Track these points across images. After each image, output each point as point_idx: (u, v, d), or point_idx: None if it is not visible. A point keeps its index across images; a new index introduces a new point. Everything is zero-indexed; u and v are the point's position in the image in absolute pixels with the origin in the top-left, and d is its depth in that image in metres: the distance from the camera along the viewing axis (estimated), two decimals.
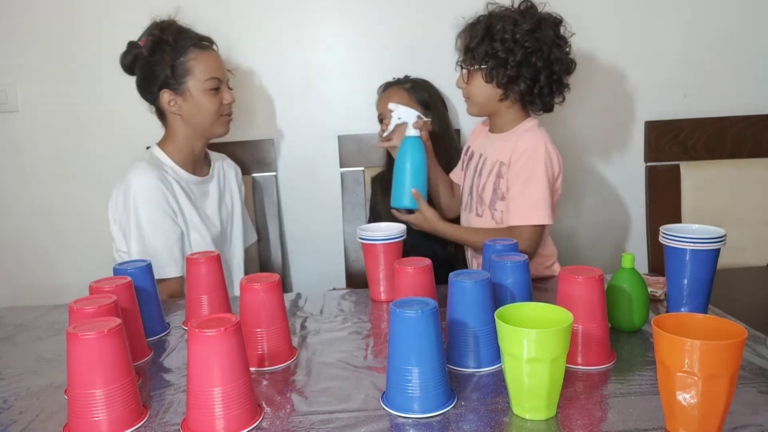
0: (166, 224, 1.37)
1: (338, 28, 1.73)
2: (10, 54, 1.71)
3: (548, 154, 1.28)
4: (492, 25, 1.27)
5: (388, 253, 1.16)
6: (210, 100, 1.42)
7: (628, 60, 1.74)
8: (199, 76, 1.40)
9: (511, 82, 1.28)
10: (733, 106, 1.73)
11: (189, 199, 1.44)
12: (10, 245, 1.83)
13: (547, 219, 1.27)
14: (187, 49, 1.40)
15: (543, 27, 1.26)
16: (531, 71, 1.26)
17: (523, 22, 1.25)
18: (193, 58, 1.40)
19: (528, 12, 1.28)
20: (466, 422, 0.71)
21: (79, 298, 0.85)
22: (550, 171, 1.28)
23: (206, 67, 1.41)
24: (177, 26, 1.43)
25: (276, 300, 0.90)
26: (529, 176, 1.27)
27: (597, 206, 1.83)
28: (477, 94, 1.32)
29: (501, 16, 1.28)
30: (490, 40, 1.26)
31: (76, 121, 1.76)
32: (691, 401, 0.64)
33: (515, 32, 1.25)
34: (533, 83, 1.28)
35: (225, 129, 1.48)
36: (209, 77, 1.41)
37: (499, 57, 1.26)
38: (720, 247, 0.96)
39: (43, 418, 0.78)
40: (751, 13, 1.72)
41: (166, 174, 1.41)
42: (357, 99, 1.75)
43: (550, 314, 0.74)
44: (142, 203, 1.35)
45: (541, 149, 1.28)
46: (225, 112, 1.46)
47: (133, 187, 1.35)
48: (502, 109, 1.34)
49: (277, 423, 0.73)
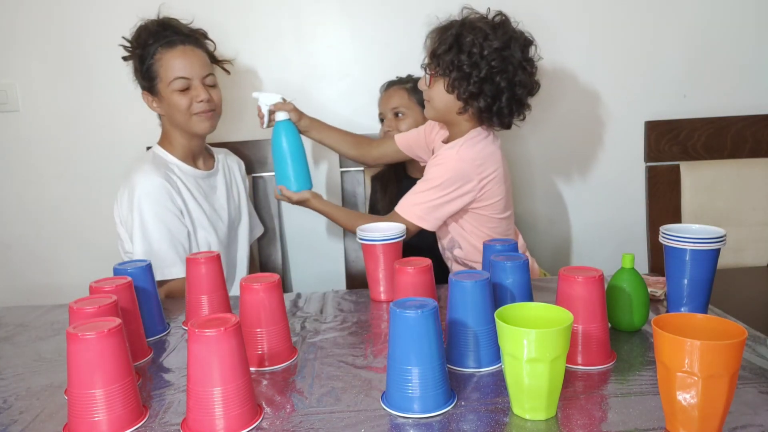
0: (172, 224, 1.37)
1: (338, 28, 1.73)
2: (10, 54, 1.72)
3: (458, 174, 1.27)
4: (462, 35, 1.25)
5: (388, 253, 1.16)
6: (180, 100, 1.39)
7: (628, 60, 1.74)
8: (164, 77, 1.39)
9: (471, 98, 1.27)
10: (733, 106, 1.73)
11: (195, 196, 1.44)
12: (11, 245, 1.84)
13: (426, 225, 1.30)
14: (154, 51, 1.39)
15: (512, 46, 1.25)
16: (493, 89, 1.26)
17: (494, 39, 1.23)
18: (158, 59, 1.39)
19: (500, 27, 1.26)
20: (466, 422, 0.71)
21: (79, 298, 0.85)
22: (453, 190, 1.28)
23: (171, 67, 1.38)
24: (151, 27, 1.40)
25: (276, 300, 0.90)
26: (428, 182, 1.30)
27: (597, 206, 1.83)
28: (437, 100, 1.32)
29: (473, 27, 1.25)
30: (458, 51, 1.25)
31: (76, 121, 1.76)
32: (691, 401, 0.64)
33: (484, 47, 1.23)
34: (493, 102, 1.27)
35: (206, 126, 1.44)
36: (174, 77, 1.38)
37: (463, 70, 1.25)
38: (720, 247, 0.96)
39: (43, 418, 0.78)
40: (751, 13, 1.72)
41: (171, 173, 1.41)
42: (357, 99, 1.75)
43: (550, 314, 0.74)
44: (147, 204, 1.35)
45: (451, 166, 1.28)
46: (199, 110, 1.41)
47: (138, 188, 1.35)
48: (457, 121, 1.33)
49: (277, 423, 0.73)
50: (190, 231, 1.41)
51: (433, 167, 1.31)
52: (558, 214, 1.84)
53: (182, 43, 1.41)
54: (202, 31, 1.48)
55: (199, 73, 1.41)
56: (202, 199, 1.46)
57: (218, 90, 1.46)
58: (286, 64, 1.74)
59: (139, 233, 1.34)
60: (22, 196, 1.80)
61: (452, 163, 1.28)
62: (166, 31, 1.40)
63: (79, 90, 1.74)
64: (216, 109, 1.45)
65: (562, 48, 1.72)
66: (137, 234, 1.34)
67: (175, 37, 1.40)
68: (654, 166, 1.70)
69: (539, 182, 1.81)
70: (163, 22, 1.42)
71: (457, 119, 1.33)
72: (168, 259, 1.35)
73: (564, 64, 1.73)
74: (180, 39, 1.41)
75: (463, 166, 1.28)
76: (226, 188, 1.54)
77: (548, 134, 1.78)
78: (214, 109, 1.44)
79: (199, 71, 1.41)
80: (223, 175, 1.55)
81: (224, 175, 1.55)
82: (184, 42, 1.41)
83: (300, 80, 1.75)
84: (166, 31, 1.40)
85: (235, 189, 1.59)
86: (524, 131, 1.75)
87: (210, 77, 1.44)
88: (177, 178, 1.42)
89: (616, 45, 1.73)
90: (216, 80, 1.46)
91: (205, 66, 1.43)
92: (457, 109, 1.30)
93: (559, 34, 1.71)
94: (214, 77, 1.45)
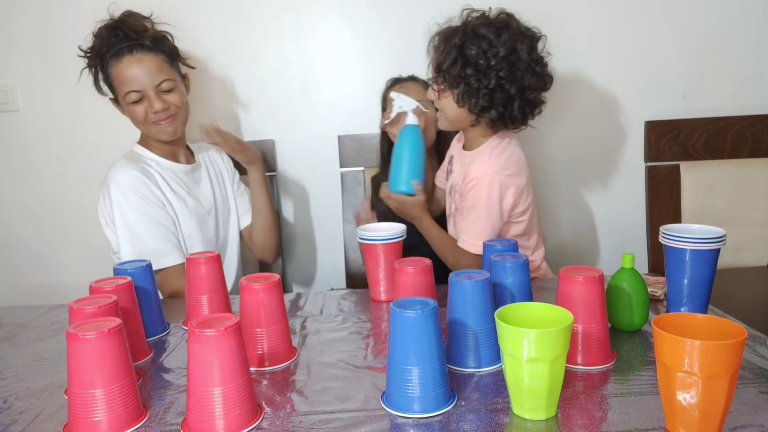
0: (155, 212, 1.36)
1: (338, 28, 1.73)
2: (10, 54, 1.71)
3: (493, 187, 1.26)
4: (466, 47, 1.22)
5: (388, 253, 1.16)
6: (135, 112, 1.38)
7: (627, 60, 1.74)
8: (119, 89, 1.37)
9: (483, 111, 1.26)
10: (733, 106, 1.73)
11: (176, 190, 1.43)
12: (10, 245, 1.83)
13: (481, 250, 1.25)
14: (105, 63, 1.36)
15: (518, 49, 1.22)
16: (503, 98, 1.24)
17: (499, 45, 1.21)
18: (111, 72, 1.37)
19: (505, 30, 1.22)
20: (466, 422, 0.71)
21: (79, 298, 0.85)
22: (495, 203, 1.27)
23: (121, 80, 1.36)
24: (103, 34, 1.37)
25: (276, 300, 0.90)
26: (472, 206, 1.28)
27: (597, 206, 1.83)
28: (449, 112, 1.31)
29: (476, 35, 1.22)
30: (464, 65, 1.23)
31: (76, 121, 1.76)
32: (691, 401, 0.64)
33: (490, 57, 1.21)
34: (505, 110, 1.26)
35: (167, 132, 1.41)
36: (126, 91, 1.36)
37: (471, 84, 1.23)
38: (720, 247, 0.96)
39: (43, 418, 0.78)
40: (751, 13, 1.72)
41: (148, 167, 1.41)
42: (357, 99, 1.75)
43: (550, 314, 0.74)
44: (126, 196, 1.34)
45: (486, 181, 1.26)
46: (154, 119, 1.38)
47: (112, 184, 1.35)
48: (473, 129, 1.33)
49: (277, 423, 0.73)
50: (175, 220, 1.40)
51: (470, 191, 1.29)
52: (558, 214, 1.84)
53: (130, 51, 1.35)
54: (153, 31, 1.40)
55: (152, 82, 1.36)
56: (185, 193, 1.45)
57: (178, 92, 1.41)
58: (286, 64, 1.74)
59: (123, 227, 1.34)
60: (22, 196, 1.80)
61: (487, 178, 1.26)
62: (115, 37, 1.35)
63: (79, 90, 1.73)
64: (178, 112, 1.41)
65: (562, 48, 1.71)
66: (122, 226, 1.34)
67: (124, 44, 1.35)
68: (654, 166, 1.70)
69: (539, 182, 1.81)
70: (112, 26, 1.37)
71: (473, 128, 1.32)
72: (158, 248, 1.34)
73: (564, 65, 1.73)
74: (128, 47, 1.35)
75: (498, 178, 1.27)
76: (210, 181, 1.53)
77: (548, 134, 1.78)
78: (174, 114, 1.40)
79: (150, 80, 1.36)
80: (206, 168, 1.54)
81: (207, 168, 1.54)
82: (132, 50, 1.35)
83: (300, 80, 1.75)
84: (115, 37, 1.35)
85: (221, 180, 1.58)
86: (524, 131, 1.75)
87: (166, 83, 1.37)
88: (155, 172, 1.41)
89: (616, 45, 1.73)
90: (174, 84, 1.40)
91: (158, 72, 1.37)
92: (469, 121, 1.30)
93: (559, 35, 1.70)
94: (172, 81, 1.39)
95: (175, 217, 1.41)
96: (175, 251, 1.37)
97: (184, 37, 1.65)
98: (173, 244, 1.37)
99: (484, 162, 1.29)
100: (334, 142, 1.76)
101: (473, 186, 1.28)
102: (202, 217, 1.46)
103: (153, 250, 1.33)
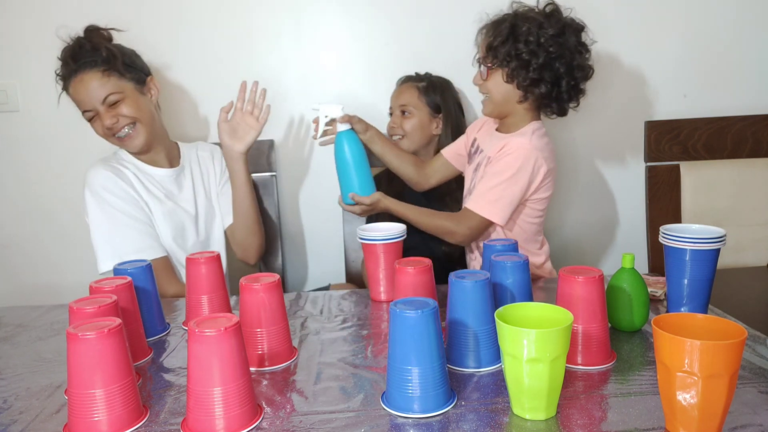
0: (130, 209, 1.37)
1: (338, 28, 1.73)
2: (10, 54, 1.71)
3: (530, 161, 1.28)
4: (517, 26, 1.27)
5: (388, 253, 1.16)
6: (94, 128, 1.40)
7: (628, 60, 1.74)
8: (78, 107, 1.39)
9: (532, 85, 1.29)
10: (733, 106, 1.73)
11: (151, 193, 1.43)
12: (10, 245, 1.83)
13: (499, 219, 1.29)
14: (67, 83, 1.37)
15: (567, 32, 1.27)
16: (552, 76, 1.28)
17: (548, 26, 1.26)
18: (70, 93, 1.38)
19: (553, 16, 1.28)
20: (466, 422, 0.71)
21: (79, 298, 0.85)
22: (525, 177, 1.29)
23: (74, 100, 1.38)
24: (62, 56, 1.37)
25: (276, 300, 0.90)
26: (500, 172, 1.29)
27: (597, 206, 1.83)
28: (496, 93, 1.33)
29: (526, 17, 1.28)
30: (515, 41, 1.27)
31: (75, 121, 1.75)
32: (691, 401, 0.64)
33: (540, 35, 1.26)
34: (553, 87, 1.29)
35: (133, 145, 1.41)
36: (82, 110, 1.38)
37: (522, 58, 1.27)
38: (720, 247, 0.96)
39: (43, 418, 0.78)
40: (751, 13, 1.72)
41: (124, 168, 1.42)
42: (357, 99, 1.75)
43: (550, 314, 0.74)
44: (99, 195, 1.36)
45: (523, 154, 1.28)
46: (112, 134, 1.39)
47: (87, 184, 1.38)
48: (516, 110, 1.34)
49: (277, 423, 0.73)
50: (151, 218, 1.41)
51: (504, 157, 1.30)
52: (558, 214, 1.84)
53: (75, 72, 1.35)
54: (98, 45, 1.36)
55: (96, 98, 1.35)
56: (162, 196, 1.45)
57: (129, 102, 1.38)
58: (286, 64, 1.74)
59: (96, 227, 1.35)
60: (21, 196, 1.80)
61: (525, 151, 1.28)
62: (63, 63, 1.37)
63: None
64: (137, 122, 1.39)
65: None
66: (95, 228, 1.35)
67: (68, 68, 1.35)
68: (654, 166, 1.70)
69: None
70: (64, 49, 1.38)
71: (516, 109, 1.34)
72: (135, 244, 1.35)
73: None
74: (72, 70, 1.35)
75: (537, 154, 1.29)
76: (193, 185, 1.53)
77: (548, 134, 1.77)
78: (132, 124, 1.39)
79: (94, 97, 1.35)
80: (189, 171, 1.53)
81: (191, 171, 1.54)
82: (76, 71, 1.35)
83: (300, 80, 1.75)
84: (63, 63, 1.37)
85: (206, 181, 1.56)
86: None
87: (111, 96, 1.35)
88: (131, 174, 1.42)
89: (616, 45, 1.73)
90: (121, 95, 1.37)
91: (99, 88, 1.35)
92: (517, 98, 1.32)
93: None
94: (118, 93, 1.36)
95: (151, 216, 1.41)
96: (155, 245, 1.37)
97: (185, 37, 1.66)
98: (152, 237, 1.38)
99: (526, 138, 1.31)
100: None
101: (510, 153, 1.29)
102: (180, 221, 1.46)
103: (130, 246, 1.34)
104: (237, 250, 1.60)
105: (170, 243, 1.43)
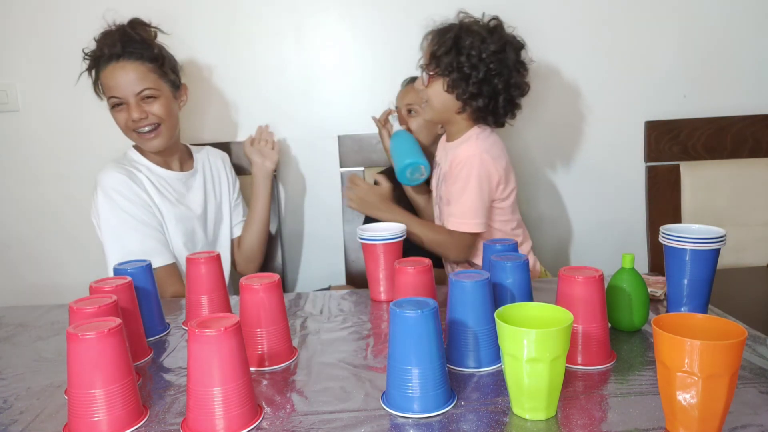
0: (141, 214, 1.37)
1: (338, 28, 1.73)
2: (10, 54, 1.72)
3: (483, 165, 1.32)
4: (461, 38, 1.30)
5: (388, 253, 1.16)
6: (117, 117, 1.40)
7: (627, 60, 1.74)
8: (105, 94, 1.40)
9: (470, 98, 1.32)
10: (733, 106, 1.73)
11: (165, 195, 1.43)
12: (11, 245, 1.83)
13: (478, 227, 1.33)
14: (100, 65, 1.38)
15: (507, 50, 1.31)
16: (490, 91, 1.32)
17: (491, 42, 1.30)
18: (100, 78, 1.39)
19: (496, 32, 1.32)
20: (466, 422, 0.71)
21: (79, 298, 0.85)
22: (485, 181, 1.33)
23: (106, 86, 1.39)
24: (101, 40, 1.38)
25: (276, 300, 0.90)
26: (463, 186, 1.33)
27: (597, 206, 1.83)
28: (435, 101, 1.36)
29: (470, 30, 1.31)
30: (457, 53, 1.30)
31: (76, 121, 1.76)
32: (691, 401, 0.64)
33: (482, 50, 1.29)
34: (490, 102, 1.32)
35: (152, 145, 1.41)
36: (108, 96, 1.39)
37: (463, 71, 1.30)
38: (720, 247, 0.96)
39: (43, 418, 0.78)
40: (751, 13, 1.72)
41: (137, 171, 1.42)
42: (357, 99, 1.75)
43: (550, 314, 0.74)
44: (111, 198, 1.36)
45: (476, 160, 1.32)
46: (135, 128, 1.39)
47: (99, 186, 1.37)
48: (455, 119, 1.38)
49: (277, 423, 0.73)
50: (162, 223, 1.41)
51: (458, 172, 1.33)
52: (558, 214, 1.84)
53: (117, 59, 1.36)
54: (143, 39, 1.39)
55: (132, 90, 1.36)
56: (174, 199, 1.45)
57: (162, 102, 1.39)
58: (286, 64, 1.74)
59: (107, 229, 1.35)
60: (22, 196, 1.80)
61: (474, 157, 1.32)
62: (111, 44, 1.37)
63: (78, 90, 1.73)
64: (161, 124, 1.40)
65: (562, 48, 1.72)
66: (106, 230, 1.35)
67: (112, 51, 1.36)
68: (654, 166, 1.70)
69: (540, 182, 1.81)
70: (111, 32, 1.39)
71: (455, 118, 1.38)
72: (145, 248, 1.34)
73: (564, 64, 1.73)
74: (115, 55, 1.36)
75: (486, 155, 1.32)
76: (204, 187, 1.53)
77: (549, 134, 1.78)
78: (157, 124, 1.40)
79: (131, 88, 1.36)
80: (202, 175, 1.54)
81: (203, 175, 1.54)
82: (118, 57, 1.36)
83: (300, 80, 1.75)
84: (111, 44, 1.37)
85: (218, 186, 1.58)
86: (524, 131, 1.75)
87: (147, 91, 1.37)
88: (144, 177, 1.42)
89: (616, 45, 1.73)
90: (158, 93, 1.39)
91: (140, 80, 1.37)
92: (455, 108, 1.35)
93: (558, 34, 1.71)
94: (155, 90, 1.38)
95: (162, 220, 1.41)
96: (164, 251, 1.37)
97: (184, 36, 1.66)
98: (161, 243, 1.37)
99: (471, 143, 1.35)
100: (334, 142, 1.76)
101: (462, 166, 1.33)
102: (189, 222, 1.46)
103: (139, 250, 1.33)
104: (240, 261, 1.62)
105: (180, 247, 1.43)
